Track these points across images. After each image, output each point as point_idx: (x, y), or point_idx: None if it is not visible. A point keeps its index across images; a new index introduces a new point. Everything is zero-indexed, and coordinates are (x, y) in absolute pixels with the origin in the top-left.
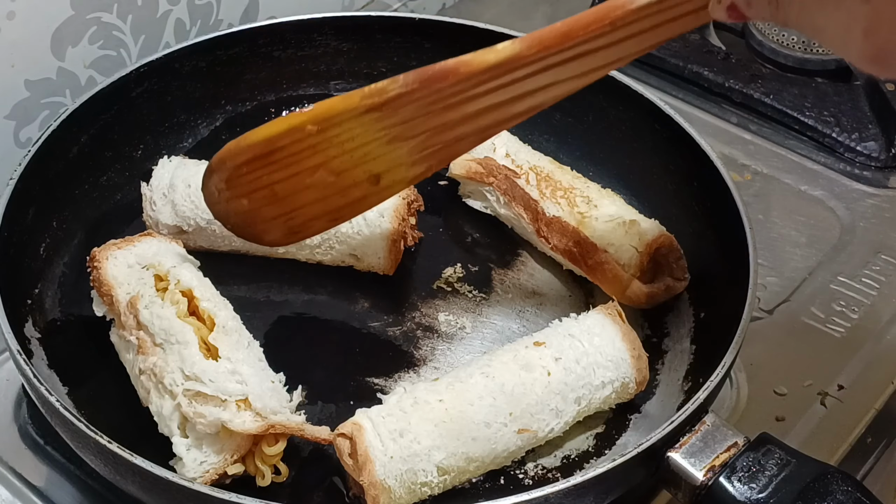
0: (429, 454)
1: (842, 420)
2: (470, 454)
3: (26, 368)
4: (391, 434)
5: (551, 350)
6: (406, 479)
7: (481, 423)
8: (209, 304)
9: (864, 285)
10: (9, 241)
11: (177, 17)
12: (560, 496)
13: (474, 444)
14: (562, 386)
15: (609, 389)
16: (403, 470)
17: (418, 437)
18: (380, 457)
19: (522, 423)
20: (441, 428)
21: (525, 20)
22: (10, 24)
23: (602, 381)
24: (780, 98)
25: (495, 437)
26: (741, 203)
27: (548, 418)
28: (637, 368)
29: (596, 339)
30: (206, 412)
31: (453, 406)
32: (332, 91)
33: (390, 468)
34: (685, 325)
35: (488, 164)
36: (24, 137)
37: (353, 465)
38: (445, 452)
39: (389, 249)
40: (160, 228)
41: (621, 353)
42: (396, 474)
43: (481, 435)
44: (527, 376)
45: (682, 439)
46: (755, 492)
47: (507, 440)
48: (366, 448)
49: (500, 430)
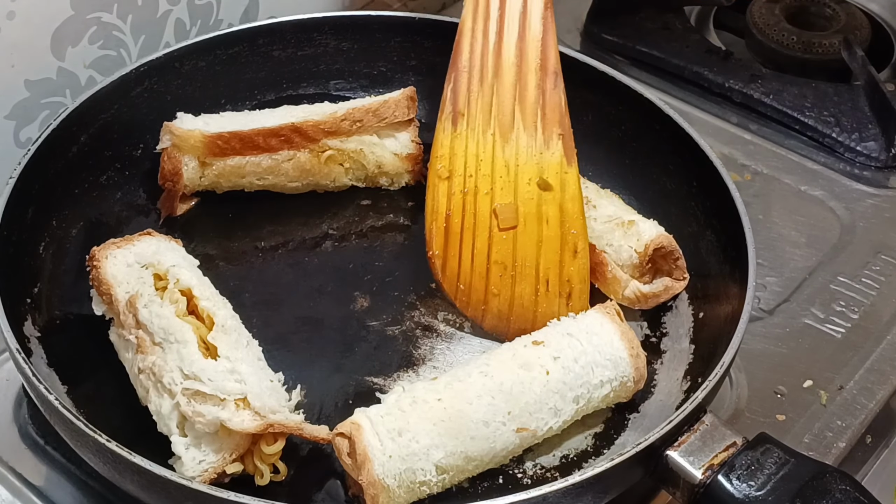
0: (427, 453)
1: (841, 420)
2: (469, 453)
3: (25, 367)
4: (390, 433)
5: (550, 349)
6: (405, 478)
7: (480, 422)
8: (208, 303)
9: (864, 285)
10: (8, 240)
11: (177, 17)
12: (559, 495)
13: (473, 443)
14: (560, 385)
15: (608, 388)
16: (402, 469)
17: (417, 436)
18: (378, 456)
19: (521, 423)
20: (440, 427)
21: None
22: (10, 24)
23: (601, 380)
24: (780, 98)
25: (494, 435)
26: (741, 203)
27: (546, 417)
28: (635, 367)
29: (594, 337)
30: (205, 411)
31: (452, 405)
32: (331, 90)
33: (389, 467)
34: (684, 324)
35: None
36: (24, 137)
37: (352, 465)
38: (444, 451)
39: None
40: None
41: (619, 352)
42: (395, 473)
43: (480, 434)
44: (525, 375)
45: (680, 438)
46: (753, 490)
47: (505, 439)
48: (364, 447)
49: (499, 428)
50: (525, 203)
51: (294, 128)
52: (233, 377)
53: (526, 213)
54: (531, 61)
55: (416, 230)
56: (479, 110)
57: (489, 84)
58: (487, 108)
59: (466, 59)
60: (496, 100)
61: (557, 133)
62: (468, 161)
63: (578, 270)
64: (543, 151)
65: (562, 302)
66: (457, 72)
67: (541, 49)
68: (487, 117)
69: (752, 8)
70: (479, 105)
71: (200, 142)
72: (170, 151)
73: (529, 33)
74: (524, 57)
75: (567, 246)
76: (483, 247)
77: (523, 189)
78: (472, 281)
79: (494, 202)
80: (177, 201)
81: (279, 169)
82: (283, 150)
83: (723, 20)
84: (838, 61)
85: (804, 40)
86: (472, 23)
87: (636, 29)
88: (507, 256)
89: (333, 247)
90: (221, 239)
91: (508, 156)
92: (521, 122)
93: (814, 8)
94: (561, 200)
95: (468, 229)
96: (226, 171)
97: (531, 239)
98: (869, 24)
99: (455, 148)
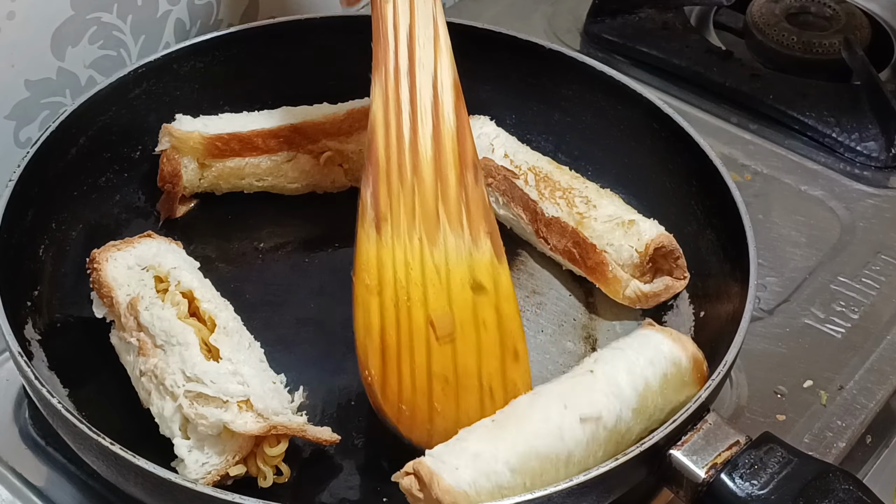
0: (494, 455)
1: (841, 420)
2: (538, 450)
3: (27, 370)
4: (451, 453)
5: (586, 360)
6: (481, 483)
7: (539, 420)
8: (210, 305)
9: (864, 285)
10: (8, 243)
11: (177, 17)
12: (563, 495)
13: (538, 440)
14: (606, 375)
15: (659, 368)
16: (475, 476)
17: (480, 450)
18: (445, 469)
19: (581, 412)
20: (499, 437)
21: (524, 20)
22: (10, 24)
23: (647, 360)
24: (780, 98)
25: (559, 429)
26: (741, 203)
27: (606, 403)
28: (682, 347)
29: (629, 339)
30: (208, 413)
31: (505, 418)
32: (330, 91)
33: (459, 476)
34: (685, 323)
35: (486, 164)
36: (23, 137)
37: (425, 494)
38: (511, 452)
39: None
40: (183, 143)
41: (659, 339)
42: (469, 481)
43: (543, 429)
44: (569, 377)
45: (683, 437)
46: (756, 488)
47: (573, 431)
48: (429, 468)
49: (561, 420)
50: (460, 309)
51: (293, 129)
52: (235, 379)
53: (462, 319)
54: (448, 156)
55: None
56: (402, 213)
57: (409, 183)
58: (411, 210)
59: (383, 156)
60: (418, 199)
61: (485, 231)
62: (397, 270)
63: (521, 375)
64: (473, 251)
65: None
66: (374, 170)
67: (457, 142)
68: (412, 220)
69: (752, 8)
70: (402, 207)
71: (199, 143)
72: (169, 153)
73: (444, 126)
74: (441, 151)
75: (507, 350)
76: (423, 361)
77: (457, 293)
78: (415, 400)
79: (428, 310)
80: (176, 203)
81: (278, 170)
82: (282, 151)
83: (723, 20)
84: (838, 61)
85: (804, 40)
86: (384, 116)
87: (636, 29)
88: (447, 368)
89: (333, 248)
90: (221, 240)
91: (438, 260)
92: (447, 222)
93: (814, 8)
94: (496, 302)
95: (405, 344)
96: (225, 172)
97: (470, 347)
98: (869, 24)
99: (382, 258)
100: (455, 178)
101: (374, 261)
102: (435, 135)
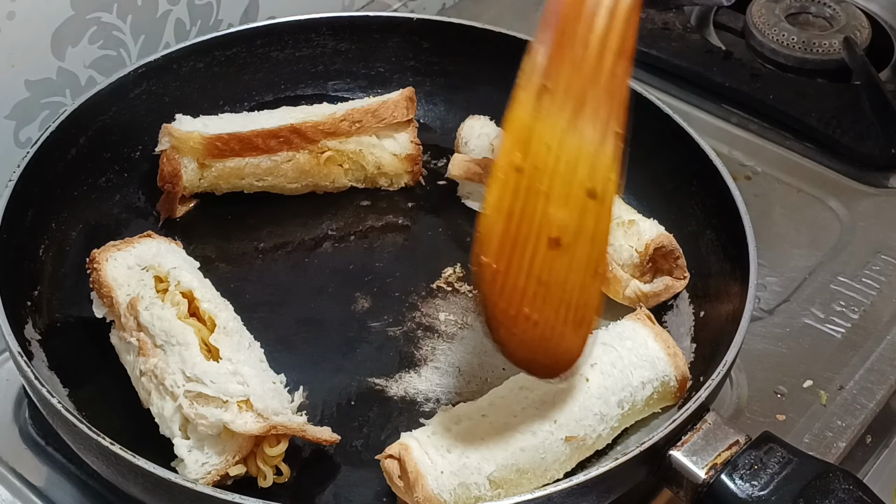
0: (479, 467)
1: (841, 420)
2: (520, 465)
3: (27, 370)
4: (438, 451)
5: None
6: (460, 493)
7: (527, 433)
8: (210, 305)
9: (864, 285)
10: (8, 244)
11: (177, 17)
12: (563, 495)
13: (523, 455)
14: (602, 390)
15: (650, 389)
16: (456, 484)
17: (466, 451)
18: (431, 472)
19: (568, 431)
20: (488, 441)
21: (524, 20)
22: (10, 24)
23: (641, 381)
24: (780, 98)
25: (543, 445)
26: (741, 203)
27: (593, 423)
28: (675, 366)
29: (628, 342)
30: (208, 413)
31: (497, 419)
32: (330, 91)
33: (442, 482)
34: (685, 323)
35: (487, 164)
36: (23, 137)
37: (405, 486)
38: (495, 465)
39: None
40: (183, 143)
41: (656, 353)
42: (450, 489)
43: (528, 444)
44: (565, 385)
45: (683, 438)
46: (756, 489)
47: (555, 449)
48: (415, 464)
49: (547, 438)
50: (571, 212)
51: (293, 129)
52: (235, 379)
53: (570, 224)
54: (615, 36)
55: (416, 230)
56: (561, 86)
57: (577, 54)
58: (566, 84)
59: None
60: (576, 74)
61: (615, 128)
62: (542, 147)
63: (594, 296)
64: (598, 148)
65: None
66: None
67: (626, 25)
68: (567, 95)
69: (752, 8)
70: (562, 80)
71: (199, 143)
72: (169, 153)
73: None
74: (611, 29)
75: (590, 268)
76: (529, 259)
77: (574, 194)
78: (512, 298)
79: (548, 206)
80: (176, 203)
81: (278, 170)
82: (282, 151)
83: (723, 20)
84: (838, 61)
85: (804, 40)
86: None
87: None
88: (544, 272)
89: (333, 248)
90: (221, 240)
91: (570, 148)
92: (590, 107)
93: (814, 8)
94: (599, 213)
95: (521, 237)
96: (225, 172)
97: (566, 256)
98: (869, 24)
99: (536, 129)
100: (611, 62)
101: (526, 132)
102: (612, 8)
